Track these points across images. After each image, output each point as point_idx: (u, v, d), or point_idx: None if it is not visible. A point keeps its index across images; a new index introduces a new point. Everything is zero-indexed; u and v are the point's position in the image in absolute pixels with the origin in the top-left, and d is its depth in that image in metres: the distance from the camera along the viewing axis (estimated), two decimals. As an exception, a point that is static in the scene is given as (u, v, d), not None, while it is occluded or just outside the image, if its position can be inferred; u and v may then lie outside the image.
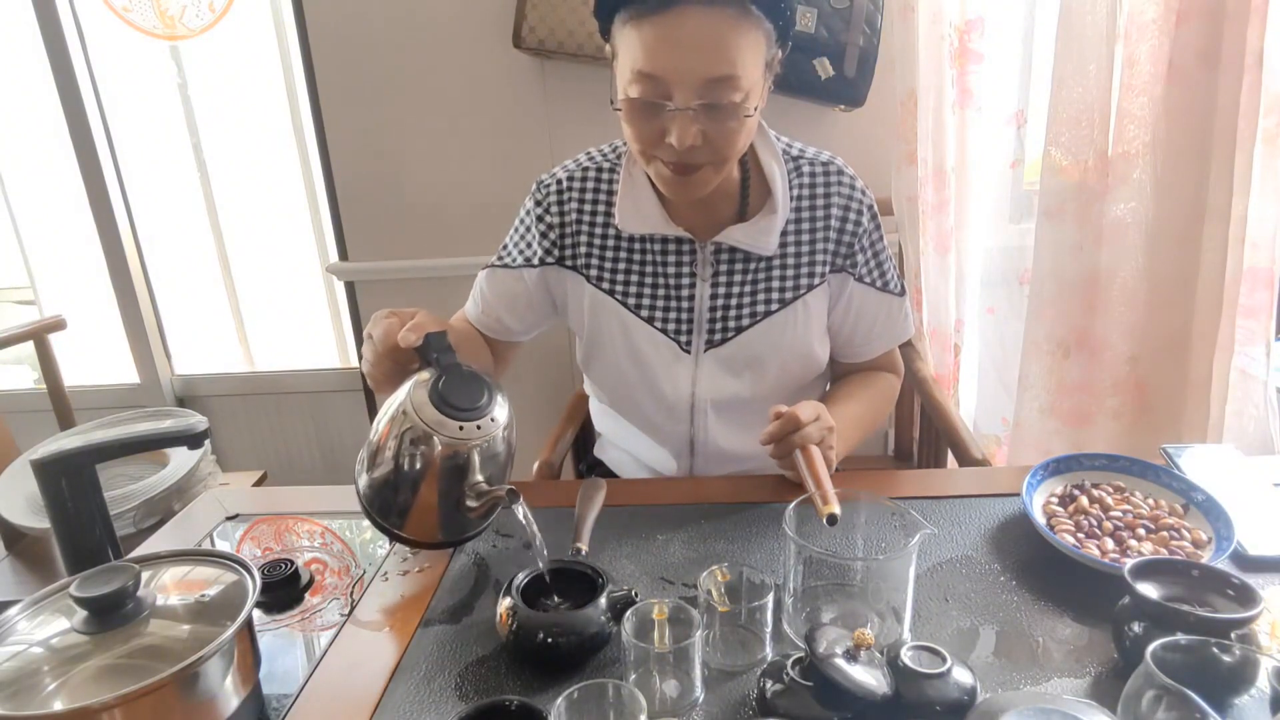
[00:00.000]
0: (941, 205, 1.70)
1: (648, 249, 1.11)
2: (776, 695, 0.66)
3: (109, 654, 0.68)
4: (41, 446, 1.45)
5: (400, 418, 0.83)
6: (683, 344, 1.12)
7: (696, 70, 0.89)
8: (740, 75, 0.91)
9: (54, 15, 2.05)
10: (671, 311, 1.11)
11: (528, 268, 1.15)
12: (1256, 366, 1.37)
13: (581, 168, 1.13)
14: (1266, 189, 1.29)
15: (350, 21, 1.90)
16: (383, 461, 0.85)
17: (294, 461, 2.43)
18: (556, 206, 1.13)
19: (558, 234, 1.13)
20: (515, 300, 1.17)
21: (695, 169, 0.97)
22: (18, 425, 1.82)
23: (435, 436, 0.82)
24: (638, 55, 0.91)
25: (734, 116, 0.93)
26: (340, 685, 0.78)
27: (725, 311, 1.10)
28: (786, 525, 0.78)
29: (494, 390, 0.86)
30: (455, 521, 0.89)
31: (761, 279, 1.10)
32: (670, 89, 0.91)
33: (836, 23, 1.68)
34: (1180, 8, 1.26)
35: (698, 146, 0.93)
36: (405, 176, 2.02)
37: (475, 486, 0.84)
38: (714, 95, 0.91)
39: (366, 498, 0.89)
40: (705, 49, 0.89)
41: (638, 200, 1.09)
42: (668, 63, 0.90)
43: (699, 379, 1.12)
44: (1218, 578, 0.72)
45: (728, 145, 0.95)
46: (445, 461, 0.83)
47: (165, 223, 2.36)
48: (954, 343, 1.80)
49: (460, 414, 0.82)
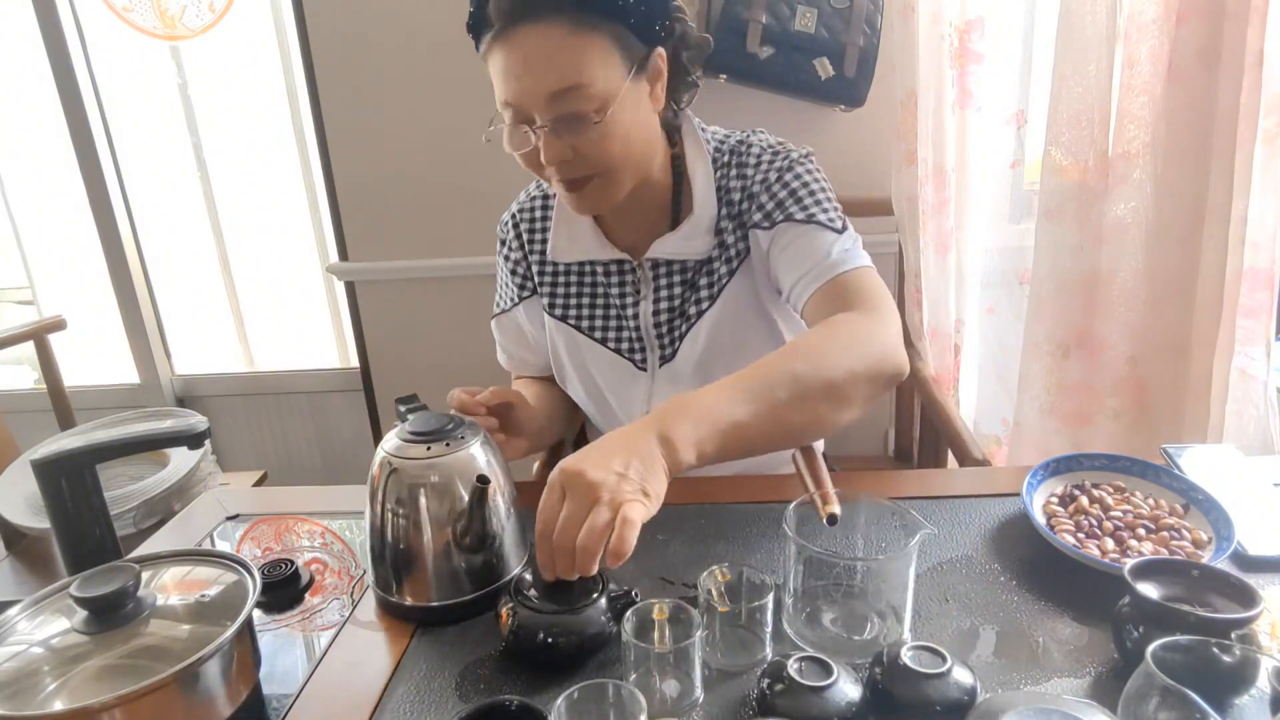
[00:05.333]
0: (941, 205, 1.70)
1: (592, 273, 1.12)
2: (776, 695, 0.66)
3: (109, 654, 0.68)
4: (41, 446, 1.44)
5: (382, 466, 0.85)
6: (637, 362, 1.12)
7: (538, 87, 0.89)
8: (586, 84, 0.89)
9: (54, 15, 2.05)
10: (624, 332, 1.12)
11: (515, 307, 1.18)
12: (1256, 366, 1.37)
13: (530, 197, 1.16)
14: (1266, 189, 1.29)
15: (350, 21, 1.90)
16: (385, 520, 0.85)
17: (294, 461, 2.43)
18: (515, 241, 1.16)
19: (524, 267, 1.16)
20: (524, 338, 1.20)
21: (584, 182, 0.96)
22: (18, 425, 1.82)
23: (409, 464, 0.83)
24: (497, 85, 0.93)
25: (590, 126, 0.91)
26: (340, 685, 0.78)
27: (670, 324, 1.09)
28: (786, 525, 0.78)
29: (464, 422, 0.88)
30: (474, 562, 0.85)
31: (692, 281, 1.08)
32: (527, 111, 0.91)
33: (836, 23, 1.68)
34: (1180, 8, 1.26)
35: (569, 160, 0.93)
36: (405, 176, 2.02)
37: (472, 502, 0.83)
38: (563, 108, 0.89)
39: (392, 571, 0.86)
40: (541, 65, 0.88)
41: (572, 228, 1.10)
42: (515, 86, 0.90)
43: (654, 395, 1.12)
44: (1218, 578, 0.71)
45: (599, 154, 0.93)
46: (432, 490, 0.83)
47: (165, 223, 2.36)
48: (954, 343, 1.80)
49: (427, 438, 0.84)
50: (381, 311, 2.17)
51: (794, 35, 1.68)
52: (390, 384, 2.23)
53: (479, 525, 0.83)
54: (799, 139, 1.15)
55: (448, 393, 0.97)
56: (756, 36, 1.68)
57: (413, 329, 2.17)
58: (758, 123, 1.16)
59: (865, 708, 0.66)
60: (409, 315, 2.16)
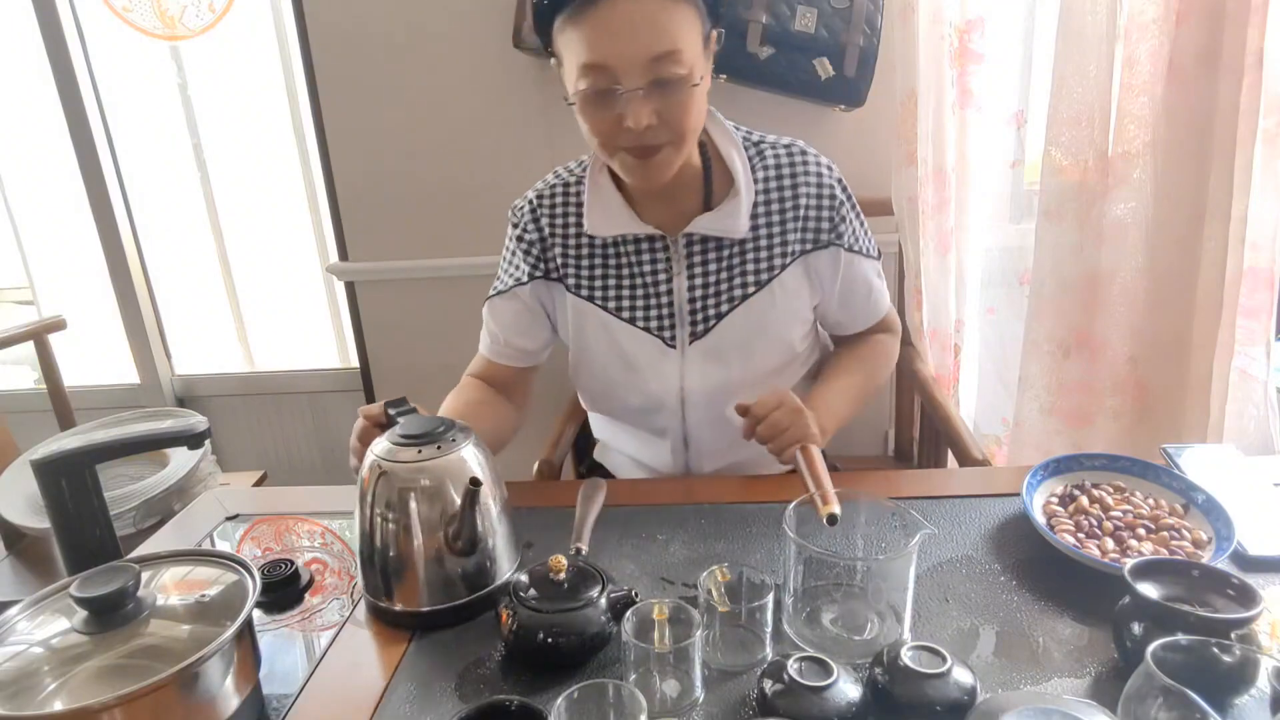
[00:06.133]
0: (941, 205, 1.70)
1: (621, 251, 1.13)
2: (776, 695, 0.66)
3: (109, 654, 0.68)
4: (41, 446, 1.44)
5: (372, 470, 0.84)
6: (666, 339, 1.13)
7: (640, 51, 0.93)
8: (681, 49, 0.94)
9: (54, 15, 2.05)
10: (652, 309, 1.13)
11: (519, 286, 1.18)
12: (1256, 367, 1.37)
13: (550, 185, 1.17)
14: (1266, 189, 1.29)
15: (350, 21, 1.90)
16: (375, 524, 0.84)
17: (294, 461, 2.43)
18: (532, 224, 1.16)
19: (539, 250, 1.16)
20: (519, 320, 1.19)
21: (656, 150, 0.99)
22: (18, 425, 1.82)
23: (399, 467, 0.83)
24: (581, 50, 0.94)
25: (682, 90, 0.96)
26: (340, 685, 0.78)
27: (704, 302, 1.12)
28: (786, 525, 0.78)
29: (454, 425, 0.89)
30: (467, 565, 0.85)
31: (736, 264, 1.11)
32: (618, 75, 0.94)
33: (836, 23, 1.68)
34: (1180, 8, 1.26)
35: (654, 126, 0.96)
36: (405, 176, 2.02)
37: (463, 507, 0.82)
38: (659, 72, 0.94)
39: (381, 577, 0.86)
40: (644, 30, 0.92)
41: (605, 205, 1.12)
42: (610, 49, 0.93)
43: (686, 372, 1.13)
44: (1218, 578, 0.72)
45: (681, 120, 0.98)
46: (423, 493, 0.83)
47: (165, 223, 2.35)
48: (954, 343, 1.80)
49: (417, 440, 0.84)
50: (381, 311, 2.17)
51: (794, 35, 1.68)
52: (390, 384, 2.23)
53: (470, 528, 0.82)
54: (799, 139, 1.15)
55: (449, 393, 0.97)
56: (757, 36, 1.68)
57: (413, 329, 2.17)
58: (758, 122, 1.16)
59: (865, 708, 0.66)
60: (409, 315, 2.16)
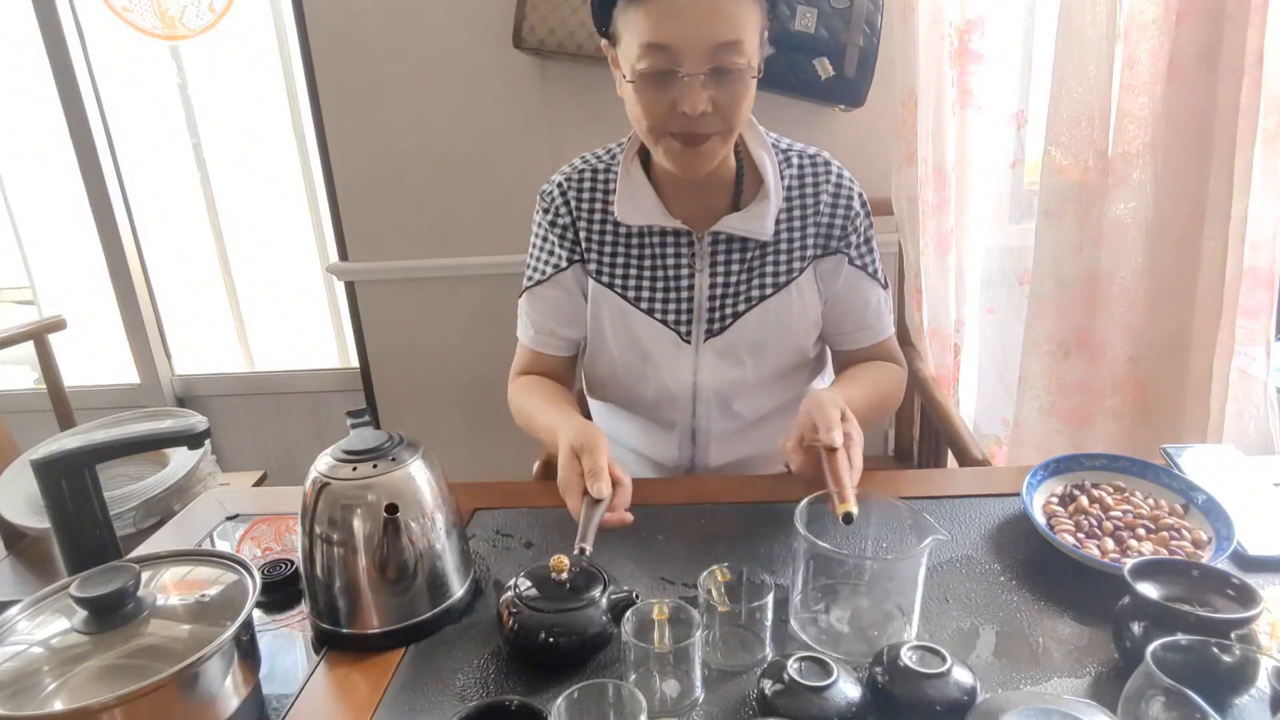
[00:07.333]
0: (941, 205, 1.70)
1: (646, 242, 1.13)
2: (776, 695, 0.66)
3: (109, 654, 0.68)
4: (41, 446, 1.44)
5: (313, 485, 0.82)
6: (682, 334, 1.13)
7: (705, 37, 0.93)
8: (744, 40, 0.95)
9: (54, 15, 2.05)
10: (671, 302, 1.13)
11: (559, 273, 1.16)
12: (1256, 366, 1.36)
13: (577, 170, 1.17)
14: (1266, 189, 1.29)
15: (350, 21, 1.90)
16: (317, 545, 0.82)
17: (294, 461, 2.43)
18: (564, 207, 1.15)
19: (572, 233, 1.16)
20: (559, 308, 1.18)
21: (705, 139, 1.00)
22: (18, 425, 1.81)
23: (334, 484, 0.81)
24: (645, 30, 0.94)
25: (741, 80, 0.96)
26: (340, 685, 0.78)
27: (723, 300, 1.12)
28: (798, 521, 0.78)
29: (403, 441, 0.85)
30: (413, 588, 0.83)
31: (757, 266, 1.12)
32: (680, 58, 0.94)
33: (836, 23, 1.68)
34: (1180, 8, 1.26)
35: (708, 114, 0.97)
36: (405, 176, 2.02)
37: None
38: (721, 60, 0.95)
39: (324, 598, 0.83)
40: (712, 16, 0.93)
41: (635, 194, 1.12)
42: (676, 31, 0.93)
43: (700, 368, 1.14)
44: (1218, 578, 0.72)
45: (734, 111, 0.98)
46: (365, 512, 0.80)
47: (165, 223, 2.36)
48: (954, 343, 1.80)
49: (359, 457, 0.82)
50: (381, 311, 2.17)
51: (794, 35, 1.68)
52: (390, 384, 2.23)
53: (397, 554, 0.80)
54: (799, 139, 1.16)
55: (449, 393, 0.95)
56: (756, 36, 1.68)
57: (413, 329, 2.17)
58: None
59: (865, 708, 0.66)
60: (409, 315, 2.16)
